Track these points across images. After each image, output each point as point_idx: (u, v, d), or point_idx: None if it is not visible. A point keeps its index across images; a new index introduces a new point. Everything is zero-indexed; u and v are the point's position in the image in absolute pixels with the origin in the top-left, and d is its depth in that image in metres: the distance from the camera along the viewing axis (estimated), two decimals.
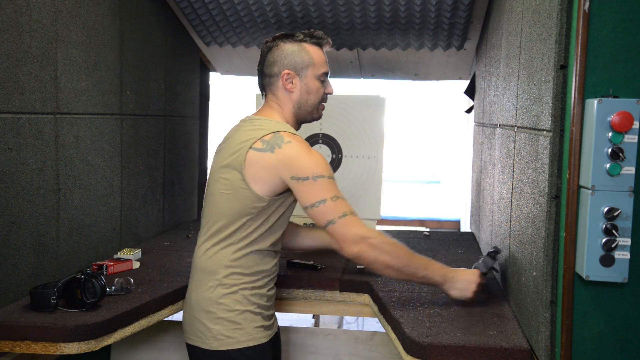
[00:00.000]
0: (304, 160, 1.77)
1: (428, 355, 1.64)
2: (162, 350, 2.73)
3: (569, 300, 1.47)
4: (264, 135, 1.79)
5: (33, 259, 2.02)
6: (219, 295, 1.81)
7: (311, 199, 1.76)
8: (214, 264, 1.83)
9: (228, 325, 1.80)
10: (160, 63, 2.97)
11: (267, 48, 1.92)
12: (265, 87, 1.95)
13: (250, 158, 1.78)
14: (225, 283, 1.81)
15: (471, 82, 3.41)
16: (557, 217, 1.51)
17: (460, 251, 2.77)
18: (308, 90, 1.91)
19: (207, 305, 1.82)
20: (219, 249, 1.83)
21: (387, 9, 2.87)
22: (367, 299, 2.20)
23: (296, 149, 1.78)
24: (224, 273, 1.82)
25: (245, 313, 1.82)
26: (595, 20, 1.40)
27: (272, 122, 1.86)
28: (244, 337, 1.81)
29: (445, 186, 8.36)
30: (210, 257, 1.84)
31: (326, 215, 1.76)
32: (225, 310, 1.81)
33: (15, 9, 1.89)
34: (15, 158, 1.91)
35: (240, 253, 1.82)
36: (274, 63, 1.89)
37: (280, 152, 1.77)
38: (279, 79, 1.89)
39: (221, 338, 1.80)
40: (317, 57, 1.90)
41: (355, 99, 2.97)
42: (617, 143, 1.38)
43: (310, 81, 1.90)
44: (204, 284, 1.84)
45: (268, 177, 1.78)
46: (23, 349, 1.75)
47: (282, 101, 1.91)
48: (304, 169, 1.76)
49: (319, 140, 2.99)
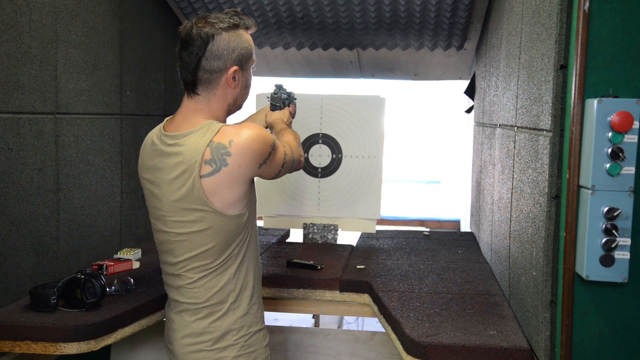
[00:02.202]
0: (253, 142, 1.57)
1: (428, 355, 1.64)
2: (162, 350, 2.73)
3: (569, 300, 1.47)
4: (203, 155, 1.55)
5: (33, 259, 2.02)
6: (232, 319, 1.67)
7: (279, 161, 1.71)
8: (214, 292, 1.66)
9: (242, 351, 1.67)
10: (160, 63, 2.97)
11: (205, 35, 1.59)
12: (198, 82, 1.61)
13: (208, 188, 1.55)
14: (235, 307, 1.67)
15: (471, 82, 3.41)
16: (557, 217, 1.51)
17: (460, 251, 2.77)
18: (246, 85, 1.69)
19: (216, 336, 1.66)
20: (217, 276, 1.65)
21: (387, 9, 2.87)
22: (367, 299, 2.20)
23: (241, 141, 1.56)
24: (233, 296, 1.67)
25: (258, 333, 1.71)
26: (595, 20, 1.40)
27: (202, 132, 1.58)
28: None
29: (445, 186, 8.36)
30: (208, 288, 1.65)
31: (287, 156, 1.78)
32: (239, 336, 1.67)
33: (15, 9, 1.89)
34: (15, 158, 1.91)
35: (243, 266, 1.69)
36: (218, 57, 1.59)
37: (232, 160, 1.55)
38: (222, 75, 1.61)
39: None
40: (252, 46, 1.67)
41: (355, 99, 2.97)
42: (617, 143, 1.38)
43: (249, 74, 1.69)
44: (204, 315, 1.66)
45: (238, 188, 1.58)
46: (23, 349, 1.74)
47: (218, 98, 1.64)
48: (263, 149, 1.60)
49: (319, 140, 2.99)
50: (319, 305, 2.29)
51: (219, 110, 1.66)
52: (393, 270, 2.38)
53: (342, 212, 2.96)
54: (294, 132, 1.96)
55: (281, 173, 1.77)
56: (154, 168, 1.65)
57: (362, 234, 3.10)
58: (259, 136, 1.60)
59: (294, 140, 1.90)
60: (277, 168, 1.72)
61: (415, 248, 2.82)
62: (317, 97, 2.97)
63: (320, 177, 2.98)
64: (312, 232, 2.97)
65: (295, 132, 1.97)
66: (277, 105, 2.08)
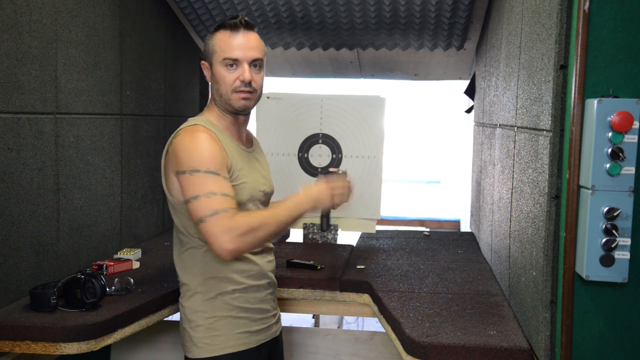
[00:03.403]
0: (184, 153, 1.65)
1: (428, 355, 1.64)
2: (162, 350, 2.73)
3: (569, 300, 1.47)
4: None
5: (33, 259, 2.02)
6: (198, 302, 1.76)
7: (186, 194, 1.63)
8: (186, 272, 1.79)
9: (207, 333, 1.75)
10: (160, 63, 2.97)
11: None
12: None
13: (163, 166, 1.77)
14: (201, 290, 1.76)
15: (471, 82, 3.41)
16: (557, 217, 1.51)
17: (460, 251, 2.77)
18: (216, 80, 1.77)
19: (188, 314, 1.78)
20: (186, 257, 1.78)
21: (387, 9, 2.87)
22: (367, 299, 2.20)
23: (180, 141, 1.68)
24: (198, 280, 1.76)
25: (227, 319, 1.76)
26: (595, 20, 1.40)
27: (190, 121, 1.77)
28: (224, 344, 1.76)
29: (445, 186, 8.36)
30: (182, 267, 1.80)
31: (198, 212, 1.60)
32: (204, 318, 1.75)
33: (15, 9, 1.89)
34: (15, 158, 1.91)
35: (206, 257, 1.75)
36: (204, 55, 1.83)
37: (171, 149, 1.71)
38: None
39: (202, 345, 1.75)
40: (221, 43, 1.74)
41: (355, 99, 2.97)
42: (617, 143, 1.38)
43: (217, 69, 1.75)
44: (183, 292, 1.80)
45: (172, 179, 1.72)
46: (23, 349, 1.74)
47: (211, 93, 1.83)
48: (183, 162, 1.64)
49: (319, 140, 2.99)
50: (319, 305, 2.29)
51: (212, 103, 1.83)
52: (393, 270, 2.38)
53: (342, 212, 2.96)
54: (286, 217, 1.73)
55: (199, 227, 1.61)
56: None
57: (362, 234, 3.10)
58: (185, 147, 1.67)
59: (263, 223, 1.65)
60: (185, 194, 1.65)
61: (415, 248, 2.82)
62: (317, 97, 2.97)
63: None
64: (312, 232, 2.97)
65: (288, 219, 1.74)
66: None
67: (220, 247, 1.57)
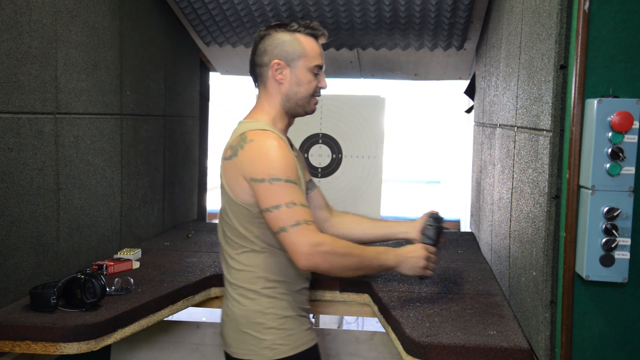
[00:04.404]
0: (262, 160, 1.67)
1: (428, 355, 1.64)
2: (162, 350, 2.73)
3: (569, 300, 1.47)
4: (232, 141, 1.74)
5: (33, 259, 2.02)
6: (265, 304, 1.76)
7: (266, 203, 1.65)
8: (246, 274, 1.77)
9: (280, 334, 1.75)
10: (160, 63, 2.97)
11: (259, 37, 1.83)
12: (257, 77, 1.86)
13: (225, 170, 1.74)
14: (266, 293, 1.76)
15: (471, 82, 3.41)
16: (557, 217, 1.51)
17: (460, 251, 2.77)
18: (298, 82, 1.80)
19: (253, 317, 1.76)
20: (245, 260, 1.77)
21: (387, 9, 2.87)
22: (367, 299, 2.20)
23: (256, 148, 1.69)
24: (262, 282, 1.76)
25: (295, 317, 1.79)
26: (595, 20, 1.40)
27: (245, 124, 1.78)
28: (296, 342, 1.78)
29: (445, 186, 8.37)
30: (239, 269, 1.78)
31: (279, 222, 1.64)
32: (274, 319, 1.75)
33: (15, 9, 1.89)
34: (15, 158, 1.91)
35: (268, 260, 1.76)
36: (264, 52, 1.80)
37: (242, 154, 1.70)
38: (268, 68, 1.80)
39: (276, 347, 1.75)
40: (310, 49, 1.80)
41: (355, 99, 2.97)
42: (617, 143, 1.38)
43: (301, 72, 1.80)
44: (238, 294, 1.78)
45: (241, 183, 1.71)
46: (23, 349, 1.74)
47: (271, 93, 1.82)
48: (261, 170, 1.66)
49: (319, 140, 2.99)
50: (319, 305, 2.29)
51: (271, 105, 1.82)
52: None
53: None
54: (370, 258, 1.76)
55: (279, 235, 1.65)
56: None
57: None
58: (262, 154, 1.67)
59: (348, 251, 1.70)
60: (264, 202, 1.66)
61: None
62: None
63: (321, 177, 2.98)
64: None
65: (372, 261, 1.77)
66: (429, 242, 1.93)
67: (301, 257, 1.62)
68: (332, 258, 1.66)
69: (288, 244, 1.64)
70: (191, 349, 2.75)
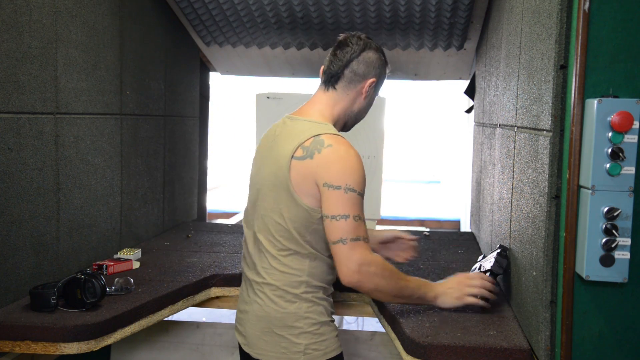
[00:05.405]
0: (341, 167, 1.65)
1: (428, 355, 1.64)
2: (162, 350, 2.73)
3: (569, 300, 1.47)
4: (305, 141, 1.69)
5: (33, 259, 2.02)
6: (304, 308, 1.74)
7: (335, 210, 1.63)
8: (287, 277, 1.75)
9: (314, 339, 1.74)
10: (160, 63, 2.97)
11: (363, 45, 1.79)
12: (339, 78, 1.80)
13: (293, 169, 1.68)
14: (305, 297, 1.74)
15: (471, 82, 3.41)
16: (557, 217, 1.51)
17: (460, 251, 2.77)
18: (370, 103, 1.87)
19: (291, 321, 1.74)
20: (290, 262, 1.74)
21: (387, 9, 2.87)
22: (367, 298, 2.20)
23: (336, 153, 1.67)
24: (302, 286, 1.74)
25: (328, 323, 1.77)
26: (595, 20, 1.40)
27: (312, 124, 1.74)
28: (329, 348, 1.77)
29: (445, 186, 8.37)
30: (281, 271, 1.75)
31: (340, 232, 1.63)
32: (310, 324, 1.74)
33: (15, 9, 1.89)
34: (15, 158, 1.91)
35: (312, 264, 1.75)
36: (368, 64, 1.79)
37: (320, 157, 1.66)
38: (363, 81, 1.79)
39: (309, 352, 1.74)
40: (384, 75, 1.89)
41: None
42: (617, 143, 1.38)
43: (373, 99, 1.88)
44: (277, 296, 1.75)
45: (310, 187, 1.67)
46: (23, 349, 1.75)
47: (344, 100, 1.80)
48: (337, 177, 1.64)
49: None
50: None
51: (341, 111, 1.81)
52: None
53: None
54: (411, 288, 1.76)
55: (336, 245, 1.64)
56: (272, 140, 1.81)
57: None
58: (342, 161, 1.66)
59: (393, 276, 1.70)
60: (334, 209, 1.64)
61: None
62: None
63: None
64: None
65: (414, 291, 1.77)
66: (500, 269, 1.91)
67: (348, 272, 1.63)
68: (378, 280, 1.66)
69: (342, 256, 1.64)
70: (191, 349, 2.76)
